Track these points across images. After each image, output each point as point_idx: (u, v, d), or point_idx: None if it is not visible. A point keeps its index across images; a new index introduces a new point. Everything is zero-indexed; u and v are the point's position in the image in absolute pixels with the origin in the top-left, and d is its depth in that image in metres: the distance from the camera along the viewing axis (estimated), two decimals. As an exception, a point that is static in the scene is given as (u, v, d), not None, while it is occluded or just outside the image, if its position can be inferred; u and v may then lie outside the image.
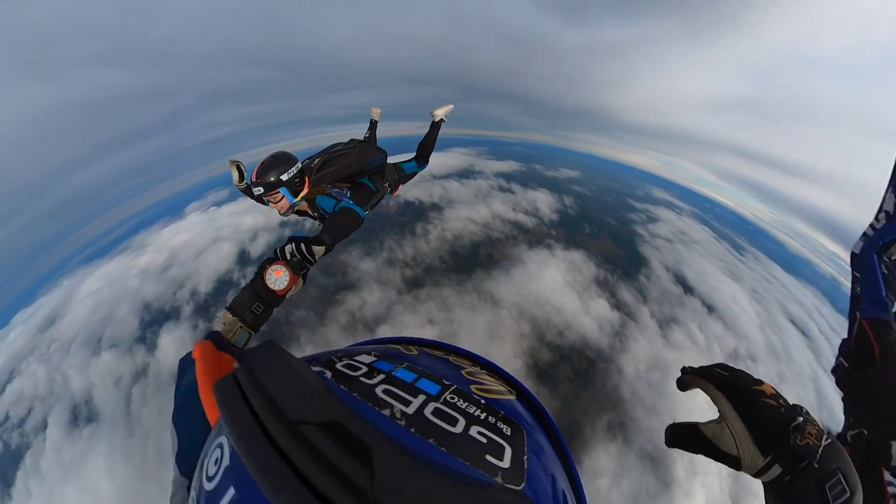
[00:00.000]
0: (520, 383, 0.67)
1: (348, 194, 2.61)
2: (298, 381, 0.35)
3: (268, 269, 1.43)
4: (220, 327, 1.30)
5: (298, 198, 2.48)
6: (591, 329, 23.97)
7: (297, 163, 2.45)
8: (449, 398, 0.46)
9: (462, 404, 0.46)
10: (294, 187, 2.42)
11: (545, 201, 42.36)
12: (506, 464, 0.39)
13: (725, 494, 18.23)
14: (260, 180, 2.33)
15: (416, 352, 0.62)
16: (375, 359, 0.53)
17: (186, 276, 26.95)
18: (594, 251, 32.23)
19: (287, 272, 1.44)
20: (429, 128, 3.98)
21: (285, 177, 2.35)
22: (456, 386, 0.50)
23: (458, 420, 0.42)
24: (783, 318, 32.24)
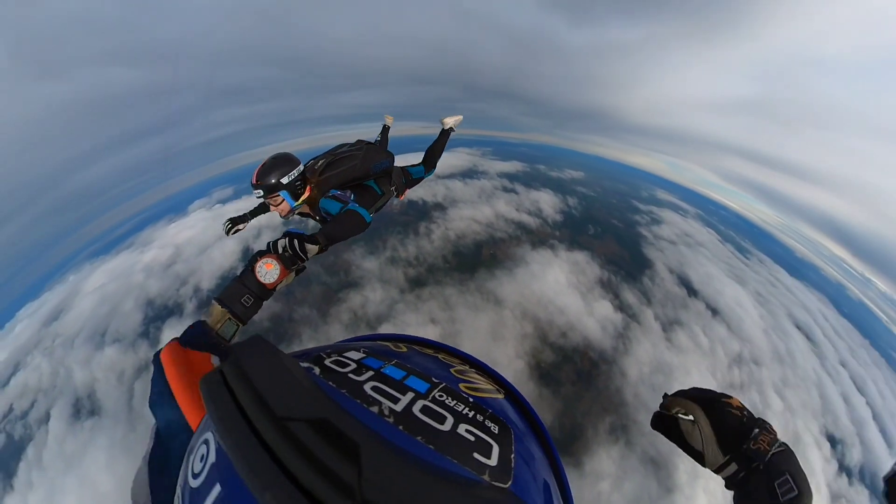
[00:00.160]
0: (508, 382, 0.67)
1: (352, 197, 2.53)
2: (286, 376, 0.35)
3: (258, 261, 1.41)
4: (209, 318, 1.27)
5: (299, 201, 2.41)
6: (595, 330, 23.85)
7: (299, 164, 2.37)
8: (437, 396, 0.46)
9: (450, 402, 0.46)
10: (295, 190, 2.35)
11: (549, 202, 42.30)
12: (493, 462, 0.39)
13: (728, 499, 18.05)
14: (259, 183, 2.26)
15: (405, 349, 0.62)
16: (364, 355, 0.53)
17: (190, 273, 27.10)
18: (598, 252, 32.10)
19: (278, 266, 1.42)
20: (438, 135, 3.95)
21: (285, 179, 2.28)
22: (445, 384, 0.50)
23: (446, 418, 0.43)
24: (788, 322, 32.14)
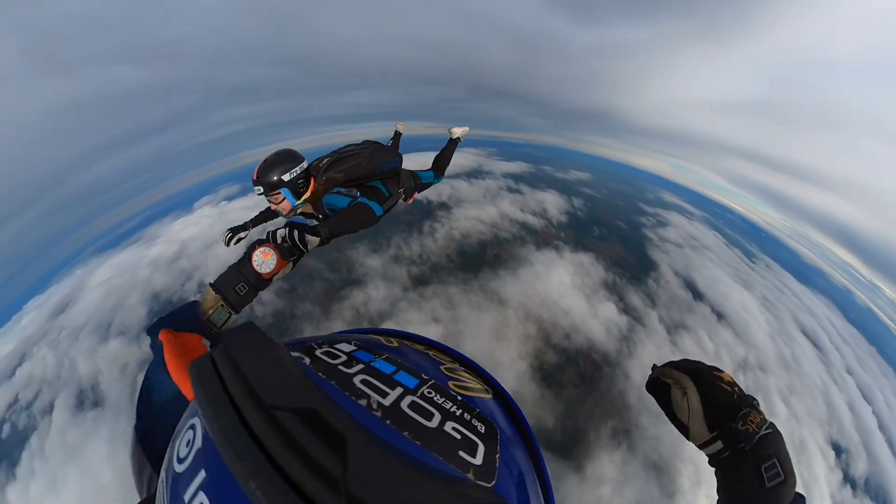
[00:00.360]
0: (497, 383, 0.67)
1: (357, 194, 2.45)
2: (276, 365, 0.35)
3: (256, 250, 1.38)
4: (201, 303, 1.25)
5: (301, 200, 2.32)
6: (599, 332, 23.67)
7: (303, 162, 2.29)
8: (426, 392, 0.46)
9: (439, 399, 0.46)
10: (297, 188, 2.26)
11: (554, 203, 42.15)
12: (478, 461, 0.39)
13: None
14: (260, 179, 2.17)
15: (396, 344, 0.61)
16: (355, 348, 0.52)
17: (195, 268, 27.26)
18: (603, 254, 31.92)
19: (275, 255, 1.38)
20: (446, 143, 4.02)
21: (287, 177, 2.20)
22: (434, 381, 0.50)
23: (433, 415, 0.43)
24: (794, 328, 31.77)
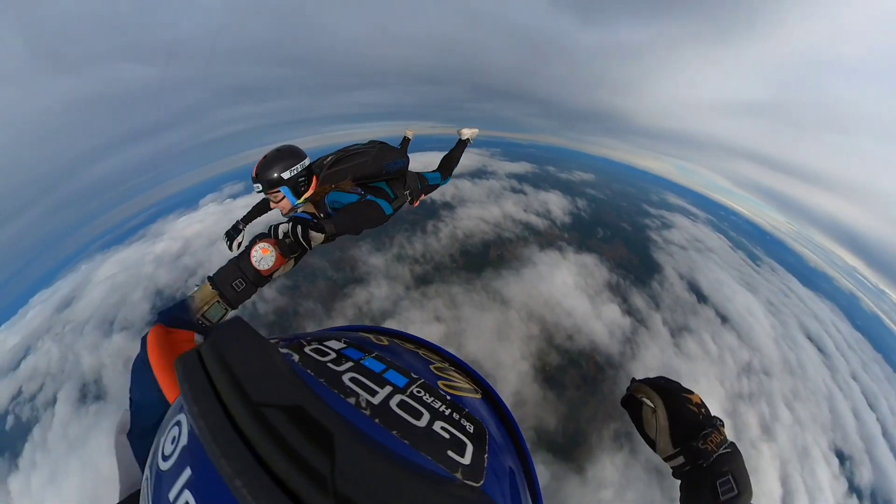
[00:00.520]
0: (487, 383, 0.67)
1: (362, 192, 2.38)
2: (264, 361, 0.34)
3: (255, 245, 1.32)
4: (196, 298, 1.20)
5: (301, 199, 2.22)
6: (602, 334, 23.58)
7: (305, 159, 2.19)
8: (415, 392, 0.46)
9: (428, 399, 0.46)
10: (298, 187, 2.16)
11: (558, 203, 42.09)
12: (466, 461, 0.39)
13: None
14: (260, 177, 2.08)
15: (386, 342, 0.61)
16: (345, 346, 0.52)
17: (198, 265, 27.37)
18: (607, 255, 31.79)
19: (274, 252, 1.32)
20: (455, 145, 3.92)
21: (287, 174, 2.10)
22: (423, 380, 0.50)
23: (422, 414, 0.42)
24: (799, 332, 31.60)
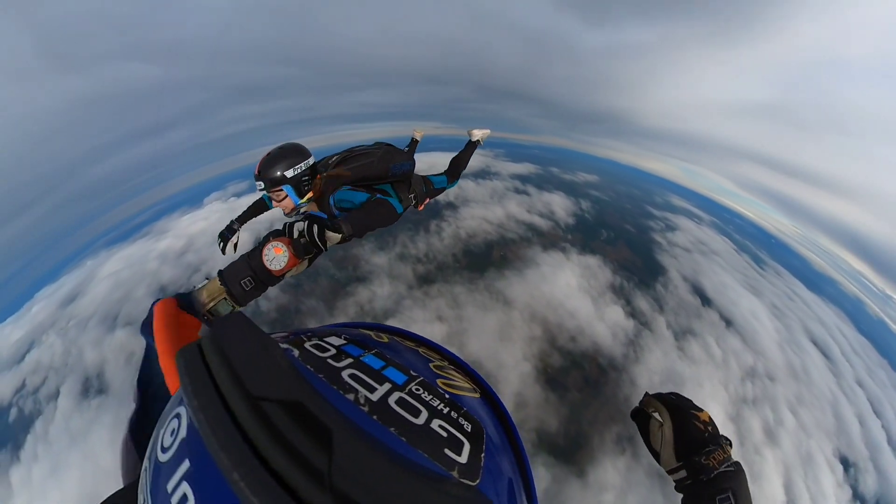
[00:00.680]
0: (485, 383, 0.68)
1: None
2: (264, 356, 0.34)
3: (268, 243, 1.26)
4: (204, 293, 1.15)
5: (304, 199, 2.17)
6: (605, 336, 23.42)
7: (308, 158, 2.14)
8: (414, 389, 0.46)
9: (426, 397, 0.46)
10: (301, 186, 2.12)
11: (561, 204, 41.99)
12: (463, 459, 0.40)
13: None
14: (262, 175, 2.03)
15: (387, 340, 0.61)
16: (345, 342, 0.52)
17: (202, 262, 27.50)
18: (610, 257, 31.63)
19: (287, 252, 1.25)
20: (464, 146, 3.76)
21: (290, 173, 2.04)
22: (422, 378, 0.50)
23: (420, 412, 0.43)
24: (804, 337, 31.35)
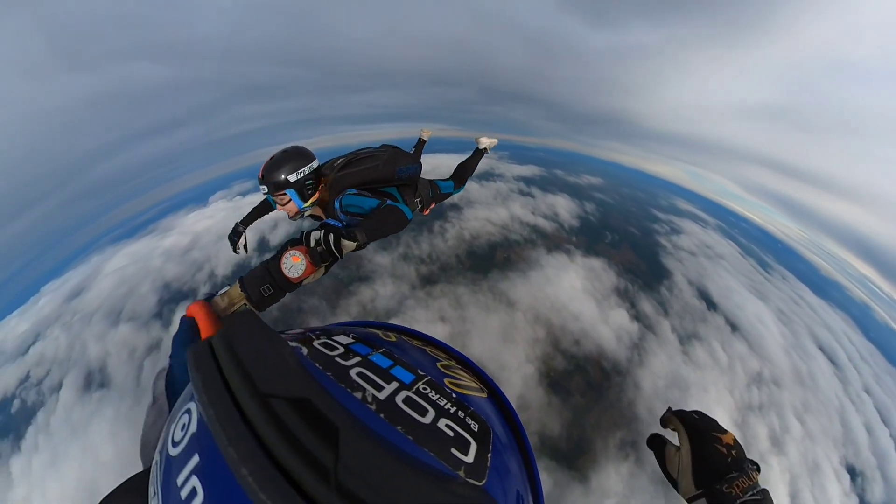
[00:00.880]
0: (493, 383, 0.67)
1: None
2: (273, 353, 0.35)
3: (287, 252, 1.32)
4: (225, 299, 1.21)
5: (308, 202, 2.17)
6: (609, 339, 23.28)
7: (313, 161, 2.14)
8: (421, 388, 0.47)
9: (434, 396, 0.46)
10: (304, 189, 2.12)
11: (566, 207, 41.92)
12: (470, 459, 0.40)
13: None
14: (266, 178, 2.04)
15: (394, 339, 0.61)
16: (353, 341, 0.53)
17: (206, 259, 27.73)
18: (615, 260, 31.51)
19: (305, 260, 1.31)
20: (471, 153, 3.74)
21: (294, 177, 2.05)
22: (430, 377, 0.50)
23: (427, 411, 0.43)
24: (810, 342, 31.08)
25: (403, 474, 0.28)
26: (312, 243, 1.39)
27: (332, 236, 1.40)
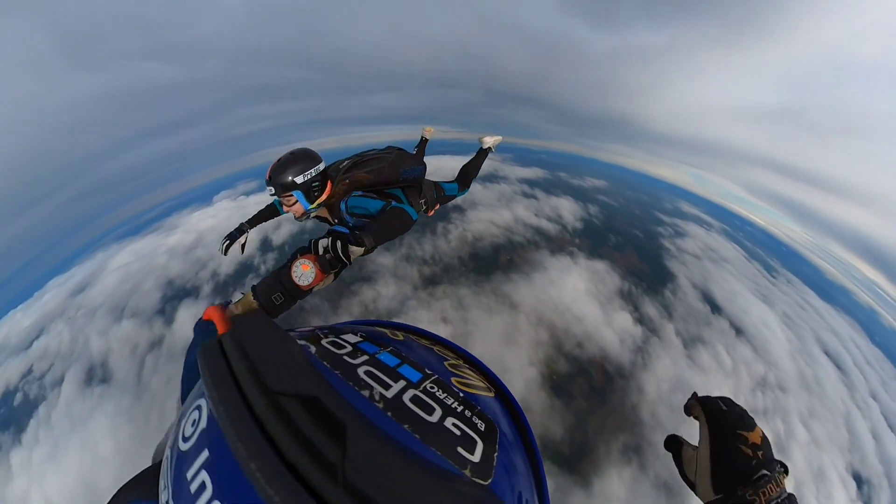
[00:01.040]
0: (501, 382, 0.66)
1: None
2: (282, 352, 0.36)
3: (296, 260, 1.35)
4: (239, 307, 1.25)
5: (314, 204, 2.19)
6: (612, 342, 23.12)
7: (319, 163, 2.15)
8: (429, 387, 0.47)
9: (441, 395, 0.47)
10: (311, 191, 2.13)
11: (569, 209, 41.87)
12: (476, 458, 0.40)
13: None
14: (273, 180, 2.06)
15: (402, 337, 0.61)
16: (361, 339, 0.53)
17: (210, 258, 27.84)
18: (619, 263, 31.35)
19: (314, 268, 1.34)
20: (475, 154, 3.69)
21: (301, 178, 2.06)
22: (437, 376, 0.50)
23: (434, 409, 0.43)
24: (816, 347, 30.74)
25: (410, 472, 0.28)
26: (321, 251, 1.43)
27: (339, 243, 1.45)
